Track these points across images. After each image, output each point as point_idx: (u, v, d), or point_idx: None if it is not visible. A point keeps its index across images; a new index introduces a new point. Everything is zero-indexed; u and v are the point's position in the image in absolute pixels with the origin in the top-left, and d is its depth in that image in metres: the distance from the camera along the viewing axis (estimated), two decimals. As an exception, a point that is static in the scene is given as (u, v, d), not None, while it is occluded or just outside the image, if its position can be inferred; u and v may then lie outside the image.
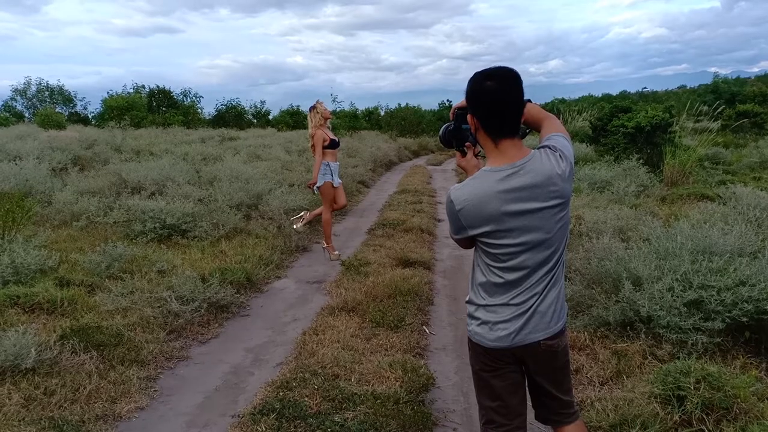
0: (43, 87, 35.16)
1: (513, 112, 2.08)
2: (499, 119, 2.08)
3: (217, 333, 4.91)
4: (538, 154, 2.09)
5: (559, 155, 2.09)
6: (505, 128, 2.09)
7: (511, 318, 2.14)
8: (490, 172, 2.09)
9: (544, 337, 2.15)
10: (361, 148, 18.91)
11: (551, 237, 2.10)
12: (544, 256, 2.11)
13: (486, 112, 2.09)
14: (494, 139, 2.10)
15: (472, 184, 2.11)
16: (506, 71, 2.09)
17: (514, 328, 2.14)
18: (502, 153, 2.09)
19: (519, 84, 2.08)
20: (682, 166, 11.08)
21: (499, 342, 2.16)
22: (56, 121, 23.78)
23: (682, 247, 4.64)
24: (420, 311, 5.27)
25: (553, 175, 2.05)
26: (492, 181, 2.06)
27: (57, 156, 12.41)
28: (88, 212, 7.96)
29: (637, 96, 54.94)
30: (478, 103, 2.11)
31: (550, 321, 2.16)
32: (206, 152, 15.01)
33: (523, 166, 2.05)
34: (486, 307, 2.19)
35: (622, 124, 13.84)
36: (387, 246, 7.57)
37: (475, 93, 2.11)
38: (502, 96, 2.06)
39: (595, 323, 4.50)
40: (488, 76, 2.08)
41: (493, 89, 2.06)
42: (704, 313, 4.02)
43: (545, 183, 2.05)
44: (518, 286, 2.13)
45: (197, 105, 35.10)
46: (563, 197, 2.08)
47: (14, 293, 4.86)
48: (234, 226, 7.85)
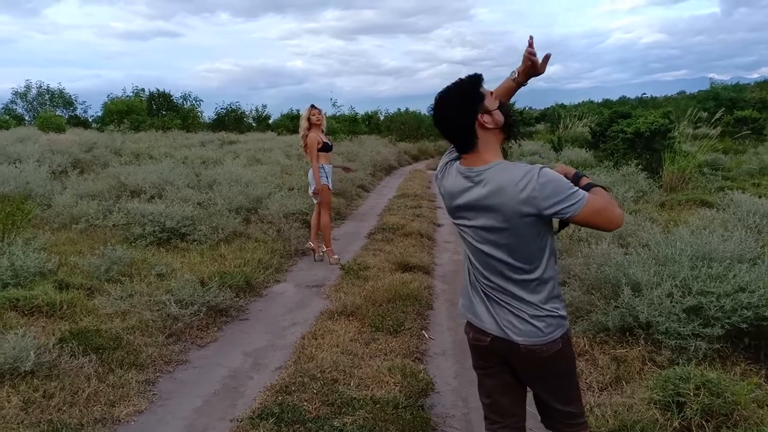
0: (44, 90, 35.24)
1: (456, 133, 2.14)
2: (450, 140, 2.20)
3: (216, 337, 4.91)
4: (503, 164, 2.07)
5: (537, 170, 1.97)
6: (460, 147, 2.17)
7: (481, 316, 2.23)
8: (455, 171, 2.20)
9: (527, 342, 2.11)
10: (361, 153, 18.93)
11: (506, 248, 2.09)
12: (492, 268, 2.14)
13: (442, 134, 2.21)
14: (459, 152, 2.20)
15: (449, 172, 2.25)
16: (442, 95, 2.14)
17: (486, 323, 2.21)
18: (465, 160, 2.17)
19: (451, 105, 2.12)
20: (682, 172, 11.10)
21: (480, 326, 2.22)
22: (56, 124, 23.82)
23: (681, 253, 4.64)
24: (419, 316, 5.27)
25: (507, 186, 2.00)
26: (454, 179, 2.19)
27: (57, 159, 12.41)
28: (87, 215, 7.95)
29: (637, 101, 55.01)
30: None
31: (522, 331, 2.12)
32: (206, 156, 15.02)
33: (480, 171, 2.09)
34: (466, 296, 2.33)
35: (621, 130, 13.85)
36: (386, 250, 7.57)
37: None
38: (439, 123, 2.16)
39: (595, 329, 4.50)
40: (434, 102, 2.16)
41: (433, 115, 2.17)
42: (704, 320, 4.01)
43: (494, 193, 2.03)
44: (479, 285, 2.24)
45: (197, 109, 35.17)
46: (514, 211, 2.00)
47: (13, 296, 4.85)
48: (233, 229, 7.85)
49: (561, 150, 17.17)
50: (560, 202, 1.96)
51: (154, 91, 33.71)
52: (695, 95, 41.68)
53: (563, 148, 17.58)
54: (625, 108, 21.39)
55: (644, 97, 59.10)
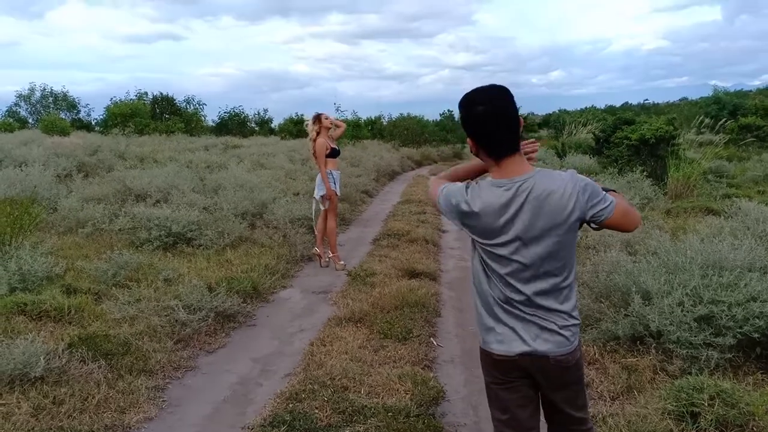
0: (48, 93, 35.24)
1: (506, 132, 2.09)
2: (495, 141, 2.10)
3: (224, 343, 4.89)
4: (543, 171, 2.10)
5: (570, 175, 2.06)
6: (503, 148, 2.10)
7: (517, 331, 2.14)
8: (490, 186, 2.11)
9: (554, 354, 2.13)
10: (365, 158, 18.92)
11: (548, 256, 2.07)
12: (538, 273, 2.09)
13: (482, 136, 2.11)
14: (495, 158, 2.12)
15: (478, 192, 2.12)
16: (493, 93, 2.10)
17: (520, 339, 2.14)
18: (502, 169, 2.10)
19: (508, 102, 2.10)
20: (687, 179, 11.08)
21: (504, 352, 2.16)
22: (60, 128, 23.85)
23: (692, 262, 4.63)
24: (427, 323, 5.25)
25: (552, 191, 2.03)
26: (492, 194, 2.08)
27: (62, 162, 12.41)
28: (93, 219, 7.94)
29: (639, 108, 55.02)
30: (473, 129, 2.13)
31: (559, 341, 2.13)
32: (210, 160, 15.03)
33: (523, 181, 2.06)
34: (489, 316, 2.21)
35: (626, 136, 13.83)
36: (392, 256, 7.56)
37: (468, 119, 2.13)
38: (494, 119, 2.07)
39: (605, 337, 4.48)
40: (476, 100, 2.10)
41: (482, 113, 2.08)
42: (715, 329, 4.00)
43: (542, 201, 2.03)
44: (518, 301, 2.13)
45: (200, 113, 35.21)
46: (560, 215, 2.04)
47: (21, 300, 4.84)
48: (239, 234, 7.84)
49: (565, 156, 17.14)
50: (598, 203, 2.05)
51: (158, 95, 33.75)
52: (698, 101, 41.66)
53: (567, 154, 17.55)
54: (628, 114, 21.33)
55: (647, 104, 59.12)
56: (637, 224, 2.19)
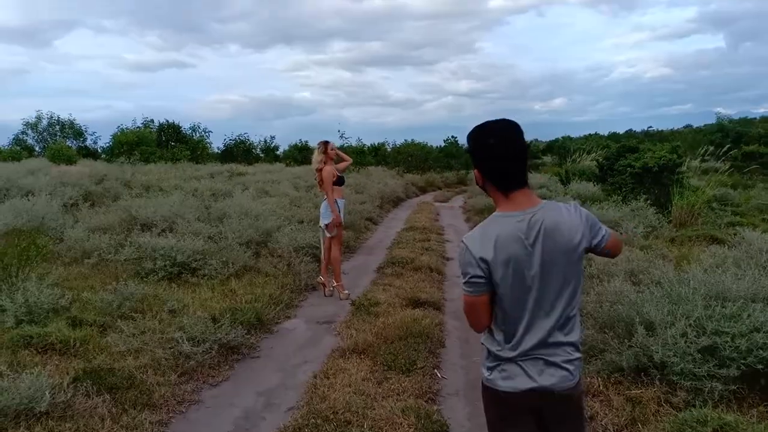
0: (54, 121, 35.49)
1: (516, 165, 2.13)
2: (505, 174, 2.13)
3: (228, 375, 4.89)
4: (550, 204, 2.14)
5: (573, 209, 2.14)
6: (513, 181, 2.13)
7: (524, 367, 2.15)
8: (501, 218, 2.13)
9: (560, 389, 2.15)
10: (369, 184, 19.01)
11: (560, 288, 2.10)
12: (551, 306, 2.11)
13: (492, 169, 2.15)
14: (504, 191, 2.14)
15: (487, 228, 2.14)
16: (505, 126, 2.15)
17: (527, 376, 2.14)
18: (511, 201, 2.13)
19: (519, 136, 2.14)
20: (691, 207, 11.09)
21: (511, 389, 2.16)
22: (67, 156, 24.01)
23: (695, 292, 4.63)
24: (431, 354, 5.25)
25: (562, 225, 2.08)
26: (503, 226, 2.10)
27: (68, 191, 12.49)
28: (99, 249, 7.97)
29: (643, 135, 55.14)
30: (483, 161, 2.16)
31: (566, 375, 2.15)
32: (215, 188, 15.11)
33: (534, 213, 2.09)
34: (496, 355, 2.20)
35: (629, 164, 13.88)
36: (396, 285, 7.57)
37: (478, 150, 2.17)
38: (503, 152, 2.11)
39: (609, 368, 4.47)
40: (488, 132, 2.15)
41: (493, 146, 2.12)
42: (719, 360, 3.99)
43: (554, 232, 2.07)
44: (528, 336, 2.13)
45: (206, 140, 35.43)
46: (570, 249, 2.09)
47: (27, 333, 4.87)
48: (244, 264, 7.86)
49: (569, 183, 17.17)
50: (598, 232, 2.16)
51: (164, 123, 34.01)
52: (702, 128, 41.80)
53: (571, 181, 17.58)
54: (631, 142, 21.39)
55: (651, 131, 59.28)
56: (621, 250, 2.34)
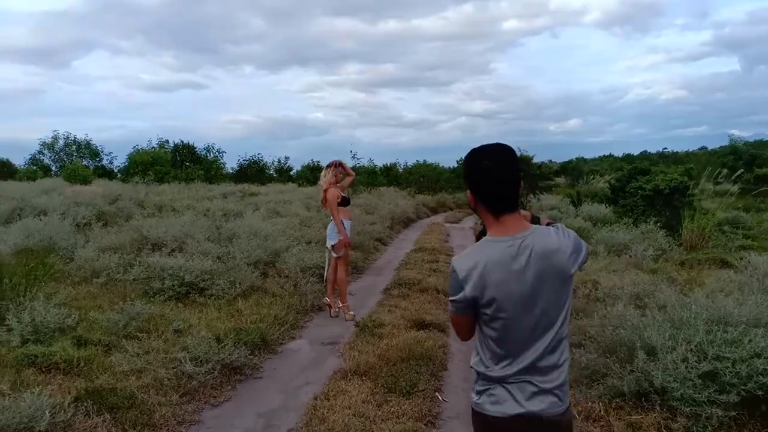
0: (71, 141, 35.95)
1: (510, 189, 2.15)
2: (497, 196, 2.15)
3: (230, 396, 4.91)
4: (539, 229, 2.16)
5: (562, 232, 2.15)
6: (504, 204, 2.15)
7: (513, 393, 2.16)
8: (492, 242, 2.14)
9: (548, 415, 2.15)
10: (380, 205, 19.03)
11: (550, 312, 2.12)
12: (542, 331, 2.12)
13: (484, 191, 2.16)
14: (495, 214, 2.16)
15: (476, 252, 2.17)
16: (500, 149, 2.18)
17: (515, 401, 2.15)
18: (502, 224, 2.15)
19: (514, 161, 2.18)
20: (701, 230, 11.04)
21: (500, 413, 2.16)
22: (82, 176, 24.29)
23: (696, 317, 4.60)
24: (433, 376, 5.25)
25: (552, 250, 2.10)
26: (495, 250, 2.11)
27: (81, 211, 12.62)
28: (108, 269, 8.05)
29: (658, 157, 55.03)
30: (476, 182, 2.18)
31: (555, 400, 2.16)
32: (227, 208, 15.21)
33: (524, 237, 2.11)
34: (486, 378, 2.21)
35: (640, 186, 13.86)
36: (402, 306, 7.58)
37: (472, 172, 2.19)
38: (499, 174, 2.13)
39: (610, 393, 4.45)
40: (484, 155, 2.17)
41: (489, 168, 2.14)
42: (719, 386, 3.97)
43: (544, 257, 2.09)
44: (517, 361, 2.14)
45: (220, 160, 35.71)
46: (561, 273, 2.11)
47: (32, 352, 4.93)
48: (251, 284, 7.91)
49: (580, 205, 17.13)
50: (583, 252, 2.17)
51: (179, 143, 34.34)
52: (717, 151, 41.62)
53: (582, 203, 17.54)
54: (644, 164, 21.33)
55: (666, 152, 59.13)
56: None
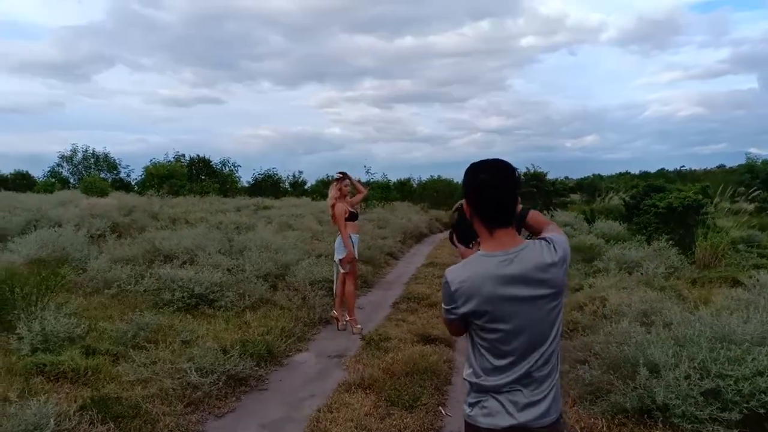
0: (89, 154, 36.47)
1: (506, 203, 2.18)
2: (493, 210, 2.18)
3: (234, 407, 4.95)
4: (531, 243, 2.18)
5: (553, 246, 2.17)
6: (500, 218, 2.18)
7: (505, 404, 2.18)
8: (486, 257, 2.17)
9: (539, 426, 2.17)
10: (392, 220, 19.08)
11: (542, 326, 2.15)
12: (535, 344, 2.15)
13: (481, 203, 2.19)
14: (489, 227, 2.19)
15: (469, 267, 2.19)
16: (500, 164, 2.21)
17: (507, 412, 2.17)
18: (496, 240, 2.17)
19: (512, 176, 2.20)
20: (715, 248, 10.95)
21: (492, 425, 2.18)
22: (100, 188, 24.58)
23: (700, 334, 4.59)
24: (437, 390, 5.25)
25: (545, 265, 2.12)
26: (488, 265, 2.14)
27: (96, 223, 12.78)
28: (120, 280, 8.16)
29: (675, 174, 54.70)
30: (473, 195, 2.21)
31: (546, 411, 2.18)
32: (240, 221, 15.34)
33: (517, 253, 2.13)
34: (478, 389, 2.23)
35: (653, 204, 13.80)
36: (410, 321, 7.60)
37: (471, 185, 2.22)
38: (496, 188, 2.16)
39: (613, 410, 4.44)
40: (483, 169, 2.20)
41: (487, 181, 2.17)
42: (721, 403, 3.97)
43: (537, 271, 2.12)
44: (509, 372, 2.16)
45: (235, 174, 36.00)
46: (555, 287, 2.14)
47: (41, 361, 5.01)
48: (260, 296, 7.97)
49: (594, 222, 17.07)
50: (569, 253, 2.21)
51: (195, 157, 34.68)
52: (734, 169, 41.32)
53: (596, 220, 17.48)
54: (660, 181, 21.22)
55: (683, 170, 58.80)
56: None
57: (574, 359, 5.49)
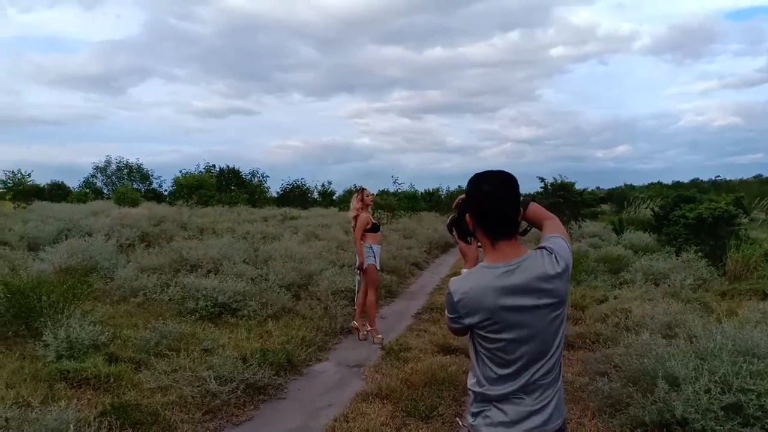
0: (122, 165, 37.20)
1: (508, 215, 2.17)
2: (495, 221, 2.17)
3: (252, 416, 4.98)
4: (534, 254, 2.17)
5: (555, 257, 2.16)
6: (502, 230, 2.17)
7: (508, 412, 2.17)
8: (487, 269, 2.16)
9: (543, 429, 2.16)
10: (418, 230, 19.10)
11: (545, 335, 2.14)
12: (538, 353, 2.14)
13: (483, 215, 2.19)
14: (492, 239, 2.19)
15: (471, 279, 2.19)
16: (502, 176, 2.21)
17: (510, 421, 2.16)
18: (498, 251, 2.17)
19: (514, 188, 2.19)
20: (747, 260, 10.74)
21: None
22: (131, 198, 25.03)
23: (722, 348, 4.51)
24: (455, 401, 5.23)
25: (547, 275, 2.11)
26: (489, 277, 2.13)
27: (126, 233, 13.03)
28: (146, 289, 8.29)
29: (710, 184, 53.85)
30: (476, 205, 2.21)
31: (549, 419, 2.17)
32: (266, 231, 15.49)
33: (519, 264, 2.12)
34: (482, 399, 2.22)
35: (683, 215, 13.59)
36: (431, 331, 7.59)
37: (473, 196, 2.22)
38: (498, 200, 2.16)
39: (632, 423, 4.39)
40: (485, 180, 2.20)
41: (489, 193, 2.16)
42: (743, 418, 3.88)
43: (539, 282, 2.11)
44: (512, 381, 2.16)
45: (264, 184, 36.38)
46: (557, 297, 2.13)
47: (65, 368, 5.11)
48: (282, 305, 8.03)
49: (622, 233, 16.87)
50: (570, 259, 2.20)
51: (224, 167, 35.14)
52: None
53: (625, 230, 17.28)
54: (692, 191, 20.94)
55: (718, 180, 57.83)
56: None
57: (594, 371, 5.43)
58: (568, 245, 2.24)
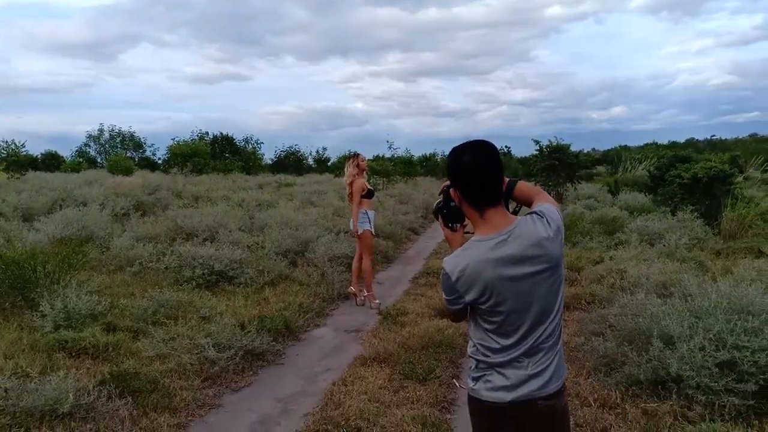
0: (116, 133, 36.93)
1: (491, 182, 2.16)
2: (479, 189, 2.16)
3: (251, 381, 5.02)
4: (524, 220, 2.16)
5: (546, 220, 2.15)
6: (487, 197, 2.16)
7: (509, 377, 2.18)
8: (480, 242, 2.15)
9: (542, 395, 2.17)
10: (414, 195, 19.06)
11: (545, 301, 2.14)
12: (539, 319, 2.15)
13: (466, 185, 2.18)
14: (478, 209, 2.17)
15: (466, 255, 2.17)
16: (481, 144, 2.20)
17: (511, 385, 2.17)
18: (487, 222, 2.15)
19: (495, 155, 2.19)
20: (742, 219, 10.76)
21: (496, 399, 2.19)
22: (125, 167, 24.90)
23: (716, 306, 4.53)
24: (452, 363, 5.28)
25: (540, 240, 2.11)
26: (484, 250, 2.12)
27: (120, 202, 12.98)
28: (141, 258, 8.27)
29: (706, 144, 53.79)
30: (458, 177, 2.20)
31: (549, 380, 2.18)
32: (262, 198, 15.45)
33: (510, 233, 2.12)
34: (484, 365, 2.23)
35: (678, 175, 13.57)
36: (428, 295, 7.62)
37: (454, 167, 2.21)
38: (479, 168, 2.15)
39: (627, 381, 4.44)
40: (465, 150, 2.19)
41: (469, 162, 2.16)
42: (737, 375, 3.92)
43: (533, 248, 2.11)
44: (515, 348, 2.16)
45: (258, 151, 36.17)
46: (552, 260, 2.13)
47: (63, 338, 5.12)
48: (279, 273, 8.04)
49: (618, 194, 16.89)
50: (562, 224, 2.20)
51: (218, 135, 34.89)
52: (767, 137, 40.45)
53: (620, 191, 17.30)
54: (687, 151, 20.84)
55: (714, 139, 57.75)
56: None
57: (590, 331, 5.47)
58: (557, 210, 2.23)
